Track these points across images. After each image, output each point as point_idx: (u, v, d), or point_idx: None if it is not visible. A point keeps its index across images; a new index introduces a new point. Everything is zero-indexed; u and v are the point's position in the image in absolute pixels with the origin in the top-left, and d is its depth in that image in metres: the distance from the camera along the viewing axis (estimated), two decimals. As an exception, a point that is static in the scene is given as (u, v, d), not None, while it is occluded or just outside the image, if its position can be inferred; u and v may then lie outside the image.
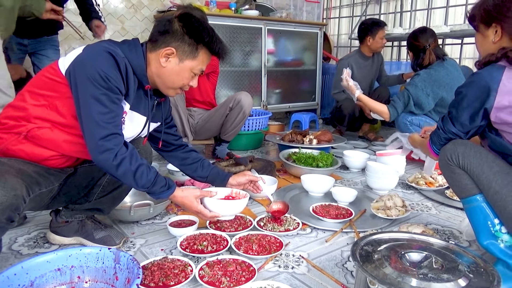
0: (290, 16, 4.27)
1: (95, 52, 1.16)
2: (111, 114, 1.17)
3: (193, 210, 1.42)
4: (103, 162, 1.16)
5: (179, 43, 1.27)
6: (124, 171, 1.19)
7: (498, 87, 1.14)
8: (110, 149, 1.15)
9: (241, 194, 1.63)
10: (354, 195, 1.92)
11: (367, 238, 1.16)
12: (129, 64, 1.24)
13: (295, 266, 1.35)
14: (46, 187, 1.22)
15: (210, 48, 1.32)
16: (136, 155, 1.23)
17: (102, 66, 1.14)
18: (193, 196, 1.41)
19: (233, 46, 3.78)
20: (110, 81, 1.15)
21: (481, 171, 1.21)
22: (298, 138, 2.74)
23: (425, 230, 1.53)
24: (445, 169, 1.31)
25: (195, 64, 1.32)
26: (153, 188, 1.27)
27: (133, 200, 1.80)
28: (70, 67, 1.16)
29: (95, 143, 1.14)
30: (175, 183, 1.37)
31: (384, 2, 4.65)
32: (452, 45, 4.06)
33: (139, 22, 3.93)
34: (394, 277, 0.95)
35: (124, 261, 1.08)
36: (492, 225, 1.22)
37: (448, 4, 3.96)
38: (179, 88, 1.36)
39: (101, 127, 1.14)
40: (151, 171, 1.26)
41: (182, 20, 1.27)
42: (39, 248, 1.45)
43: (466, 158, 1.23)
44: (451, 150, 1.27)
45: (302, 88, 4.52)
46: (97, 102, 1.14)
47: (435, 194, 2.11)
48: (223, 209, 1.47)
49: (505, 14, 1.22)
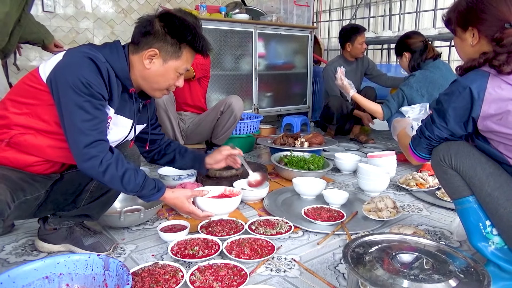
0: (280, 19, 4.28)
1: (76, 59, 1.15)
2: (95, 121, 1.15)
3: (185, 211, 1.41)
4: (89, 169, 1.15)
5: (162, 43, 1.26)
6: (111, 177, 1.18)
7: (484, 96, 1.11)
8: (95, 156, 1.14)
9: (235, 191, 1.62)
10: (346, 197, 1.92)
11: (359, 240, 1.16)
12: (111, 68, 1.22)
13: (287, 270, 1.34)
14: (31, 194, 1.20)
15: (193, 46, 1.31)
16: (122, 160, 1.22)
17: (84, 73, 1.12)
18: (184, 197, 1.40)
19: (224, 50, 3.78)
20: (92, 88, 1.13)
21: (473, 172, 1.19)
22: (290, 141, 2.74)
23: (416, 231, 1.53)
24: (437, 169, 1.29)
25: (180, 64, 1.31)
26: (142, 192, 1.26)
27: (123, 205, 1.78)
28: (51, 75, 1.14)
29: (79, 151, 1.13)
30: (164, 185, 1.35)
31: (373, 5, 4.69)
32: (440, 48, 4.10)
33: (129, 27, 3.91)
34: (385, 279, 0.95)
35: (114, 267, 1.07)
36: (483, 226, 1.21)
37: (436, 7, 4.01)
38: (165, 89, 1.35)
39: (85, 134, 1.13)
40: (139, 174, 1.25)
41: (163, 20, 1.26)
42: (27, 256, 1.43)
43: (459, 159, 1.21)
44: (444, 151, 1.25)
45: (293, 91, 4.53)
46: (80, 109, 1.12)
47: (426, 195, 2.12)
48: (216, 208, 1.46)
49: (479, 16, 1.18)
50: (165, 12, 1.29)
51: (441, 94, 1.25)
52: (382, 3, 4.59)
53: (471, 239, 1.25)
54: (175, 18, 1.27)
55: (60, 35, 3.55)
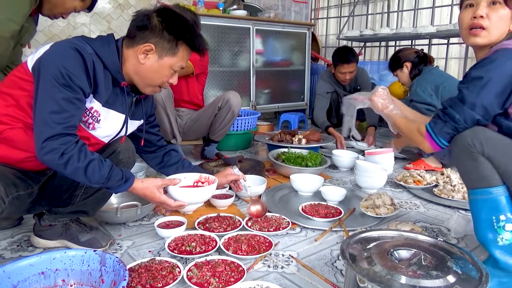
0: (278, 16, 4.27)
1: (61, 49, 1.13)
2: (65, 115, 1.11)
3: (156, 201, 1.35)
4: (49, 162, 1.11)
5: (158, 39, 1.24)
6: (73, 170, 1.13)
7: None
8: (55, 149, 1.09)
9: (211, 179, 1.58)
10: (343, 194, 1.92)
11: (356, 237, 1.16)
12: (100, 60, 1.20)
13: (284, 266, 1.34)
14: (24, 190, 1.19)
15: (191, 44, 1.30)
16: (86, 151, 1.16)
17: (65, 63, 1.11)
18: (154, 186, 1.33)
19: (221, 46, 3.77)
20: (71, 79, 1.11)
21: (507, 161, 1.12)
22: (287, 138, 2.74)
23: (413, 227, 1.53)
24: (464, 156, 1.19)
25: (175, 61, 1.29)
26: (108, 183, 1.20)
27: (119, 201, 1.77)
28: (36, 63, 1.13)
29: (40, 144, 1.09)
30: (133, 175, 1.30)
31: (371, 3, 4.69)
32: (438, 45, 4.10)
33: (126, 22, 3.88)
34: (383, 275, 0.95)
35: (110, 263, 1.06)
36: (496, 220, 1.16)
37: (434, 5, 4.01)
38: (158, 85, 1.33)
39: (49, 126, 1.09)
40: (104, 165, 1.19)
41: (161, 15, 1.24)
42: (22, 252, 1.42)
43: (490, 146, 1.13)
44: (471, 137, 1.16)
45: (291, 88, 4.52)
46: (52, 101, 1.10)
47: (423, 192, 2.12)
48: (189, 197, 1.40)
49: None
50: (163, 7, 1.27)
51: (475, 69, 1.17)
52: (381, 0, 4.58)
53: (478, 230, 1.20)
54: (173, 14, 1.25)
55: (57, 30, 3.53)
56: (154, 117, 1.59)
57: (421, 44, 4.18)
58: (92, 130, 1.27)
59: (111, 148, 1.39)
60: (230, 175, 1.73)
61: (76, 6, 1.76)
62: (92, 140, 1.29)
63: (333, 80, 3.38)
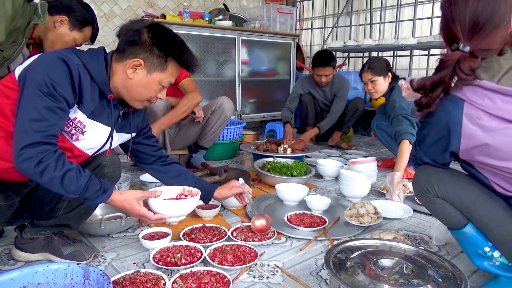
0: (263, 26, 4.32)
1: (47, 59, 1.14)
2: (45, 123, 1.10)
3: (135, 214, 1.32)
4: (25, 171, 1.09)
5: (148, 54, 1.25)
6: (49, 179, 1.10)
7: (462, 130, 1.03)
8: (31, 157, 1.07)
9: (194, 191, 1.56)
10: (328, 203, 1.94)
11: (340, 246, 1.18)
12: (87, 72, 1.20)
13: (270, 276, 1.34)
14: (3, 201, 1.17)
15: (180, 61, 1.31)
16: (64, 161, 1.13)
17: (50, 72, 1.11)
18: (134, 198, 1.29)
19: (207, 56, 3.79)
20: (55, 88, 1.11)
21: (459, 201, 1.16)
22: (273, 148, 2.76)
23: (396, 236, 1.56)
24: (424, 200, 1.25)
25: (164, 77, 1.30)
26: (86, 194, 1.16)
27: (103, 212, 1.75)
28: (22, 72, 1.13)
29: (17, 151, 1.08)
30: (112, 186, 1.27)
31: (354, 14, 4.78)
32: (419, 56, 4.21)
33: (111, 31, 3.87)
34: (366, 284, 0.97)
35: (94, 276, 1.05)
36: (483, 252, 1.18)
37: (415, 17, 4.12)
38: (147, 100, 1.33)
39: (28, 134, 1.08)
40: (83, 175, 1.16)
41: (152, 31, 1.26)
42: (3, 266, 1.39)
43: (443, 188, 1.17)
44: (424, 181, 1.21)
45: (276, 98, 4.56)
46: (33, 109, 1.09)
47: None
48: (170, 210, 1.38)
49: None
50: (154, 23, 1.28)
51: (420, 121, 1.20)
52: (363, 12, 4.68)
53: (474, 261, 1.22)
54: (164, 31, 1.27)
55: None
56: (148, 128, 1.57)
57: (402, 55, 4.28)
58: (76, 142, 1.26)
59: (96, 161, 1.38)
60: (235, 187, 1.70)
61: (76, 38, 1.74)
62: (75, 152, 1.28)
63: (311, 82, 3.63)
